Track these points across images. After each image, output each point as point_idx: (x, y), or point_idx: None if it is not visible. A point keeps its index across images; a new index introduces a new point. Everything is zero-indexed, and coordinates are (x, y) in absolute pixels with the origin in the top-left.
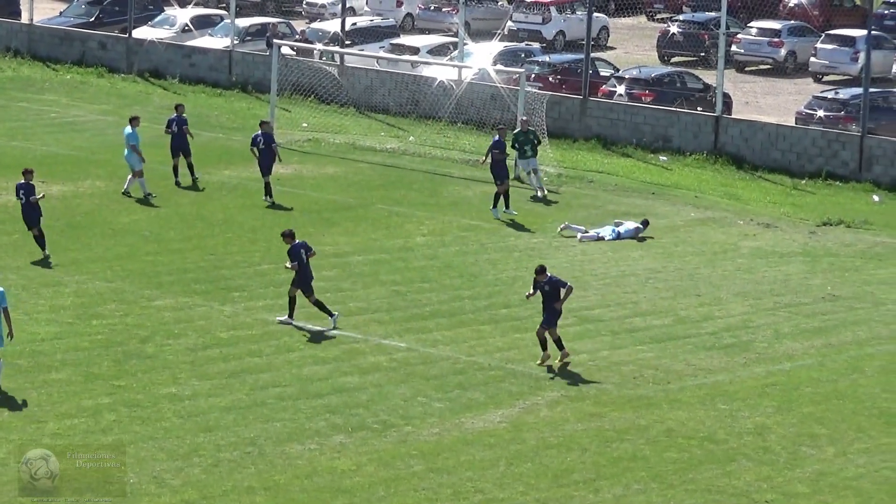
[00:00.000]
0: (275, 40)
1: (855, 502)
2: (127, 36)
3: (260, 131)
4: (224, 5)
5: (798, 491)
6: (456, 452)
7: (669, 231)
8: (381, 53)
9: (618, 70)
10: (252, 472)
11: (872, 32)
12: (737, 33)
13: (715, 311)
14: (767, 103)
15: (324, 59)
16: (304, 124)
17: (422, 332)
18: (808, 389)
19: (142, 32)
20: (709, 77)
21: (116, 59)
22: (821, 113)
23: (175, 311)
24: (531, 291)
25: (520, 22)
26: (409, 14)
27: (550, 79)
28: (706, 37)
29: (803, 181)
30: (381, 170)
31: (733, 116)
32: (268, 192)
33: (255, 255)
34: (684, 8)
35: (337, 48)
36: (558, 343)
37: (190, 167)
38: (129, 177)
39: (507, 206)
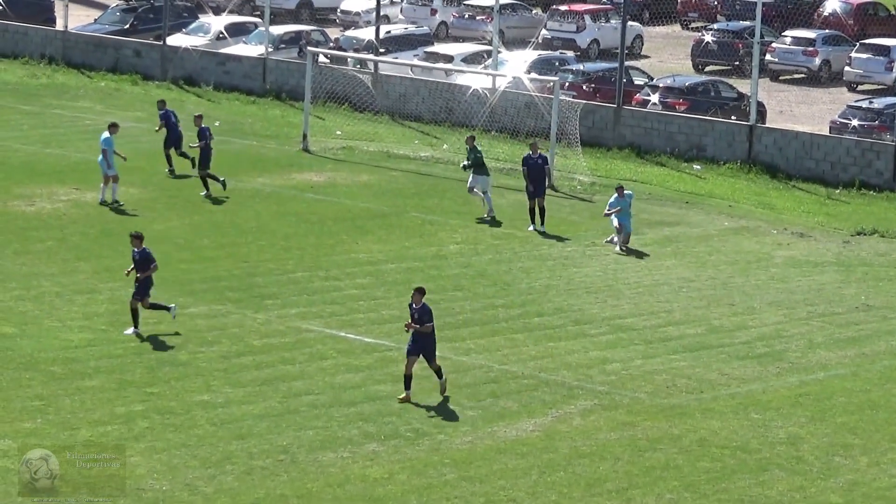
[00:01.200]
0: (308, 48)
1: None
2: (161, 43)
3: (203, 125)
4: (258, 13)
5: (831, 501)
6: (488, 461)
7: (703, 240)
8: (415, 61)
9: (652, 79)
10: (284, 480)
11: None
12: (771, 42)
13: (748, 320)
14: (802, 112)
15: (358, 67)
16: (338, 132)
17: (455, 340)
18: (842, 399)
19: (176, 40)
20: (743, 86)
21: (151, 66)
22: (855, 122)
23: (208, 318)
24: (409, 322)
25: (554, 30)
26: (443, 22)
27: (584, 87)
28: (740, 46)
29: (837, 190)
30: (414, 178)
31: (767, 125)
32: (206, 184)
33: (288, 262)
34: (718, 17)
35: (371, 56)
36: (438, 373)
37: (168, 158)
38: (102, 185)
39: (532, 222)
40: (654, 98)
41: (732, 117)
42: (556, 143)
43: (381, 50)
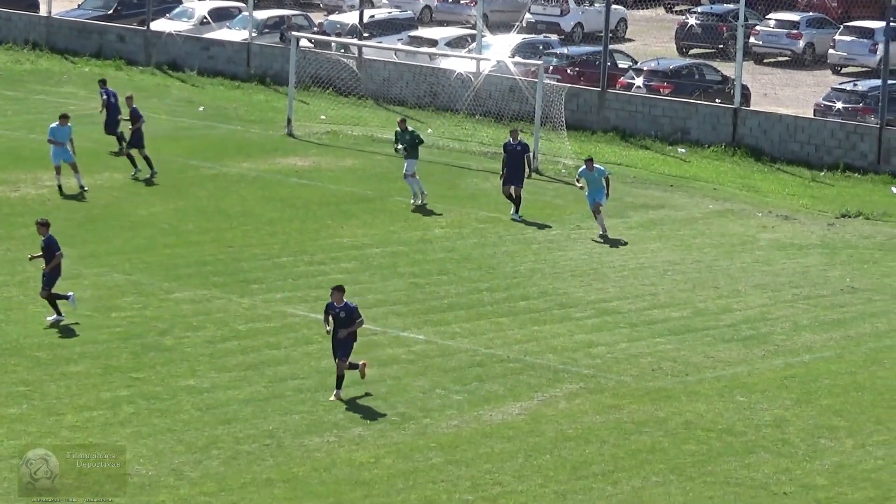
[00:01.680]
0: (292, 33)
1: (874, 494)
2: (145, 28)
3: (134, 105)
4: None
5: (817, 483)
6: (474, 445)
7: (688, 223)
8: (400, 46)
9: (636, 62)
10: (271, 465)
11: (891, 24)
12: (755, 25)
13: (733, 303)
14: (786, 95)
15: (342, 51)
16: (323, 117)
17: (440, 324)
18: (827, 381)
19: (160, 25)
20: (727, 69)
21: (135, 51)
22: (839, 105)
23: (193, 303)
24: (328, 328)
25: (538, 14)
26: (427, 6)
27: (569, 71)
28: (724, 29)
29: (822, 173)
30: (399, 162)
31: (752, 108)
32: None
33: (273, 247)
34: (702, 0)
35: (355, 40)
36: (339, 381)
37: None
38: (75, 174)
39: (517, 208)
40: (639, 81)
41: (717, 100)
42: (541, 126)
43: (365, 34)
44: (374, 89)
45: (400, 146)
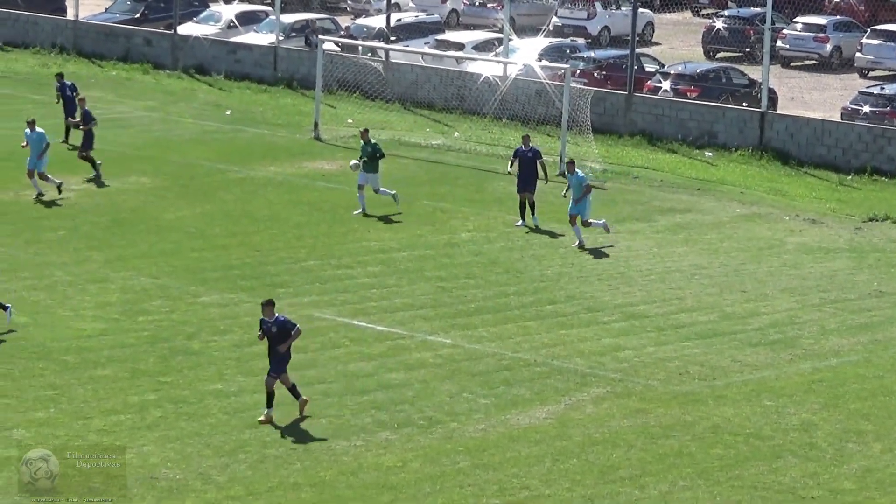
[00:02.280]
0: (319, 36)
1: None
2: (172, 32)
3: (86, 108)
4: (269, 2)
5: (844, 487)
6: (502, 449)
7: (715, 227)
8: (426, 49)
9: (663, 66)
10: (298, 469)
11: None
12: (782, 29)
13: (761, 307)
14: (813, 99)
15: (368, 55)
16: (349, 120)
17: (467, 328)
18: (855, 386)
19: (187, 29)
20: (754, 72)
21: (162, 55)
22: (867, 108)
23: (221, 307)
24: (259, 332)
25: (565, 18)
26: (453, 10)
27: (595, 74)
28: (751, 32)
29: (849, 177)
30: (426, 166)
31: (779, 112)
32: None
33: (300, 251)
34: (729, 3)
35: (382, 44)
36: (293, 391)
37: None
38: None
39: (521, 217)
40: (666, 85)
41: (744, 104)
42: (568, 130)
43: (392, 38)
44: (400, 93)
45: (355, 161)
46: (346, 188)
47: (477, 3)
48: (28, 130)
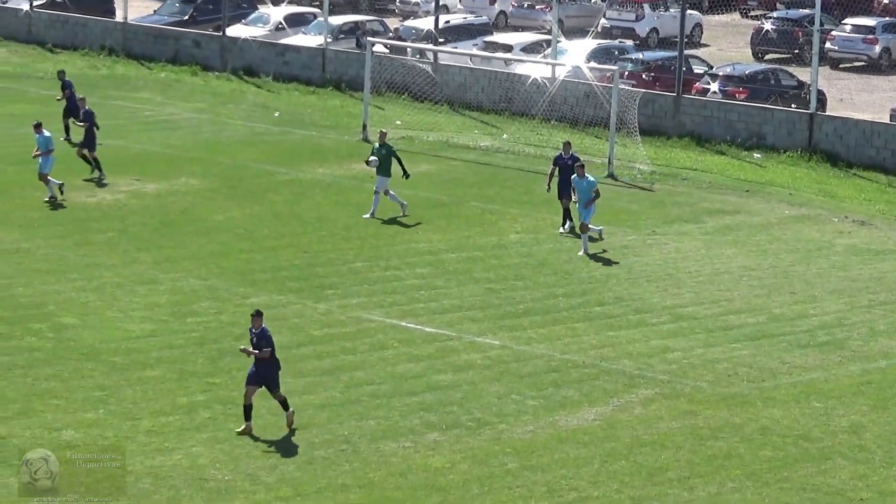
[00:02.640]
0: (368, 38)
1: None
2: (221, 34)
3: (87, 107)
4: (317, 3)
5: (894, 489)
6: (550, 450)
7: (763, 228)
8: (475, 51)
9: (711, 67)
10: (346, 470)
11: None
12: (831, 30)
13: (810, 308)
14: (862, 100)
15: (417, 56)
16: (398, 122)
17: (516, 329)
18: None
19: (235, 30)
20: (803, 74)
21: (210, 57)
22: None
23: (269, 308)
24: (250, 348)
25: (613, 19)
26: (502, 12)
27: (644, 76)
28: (800, 34)
29: None
30: (474, 167)
31: (828, 114)
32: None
33: (348, 252)
34: (778, 5)
35: (430, 46)
36: (246, 411)
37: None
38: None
39: (563, 224)
40: (714, 86)
41: (792, 105)
42: (616, 132)
43: (441, 39)
44: (449, 94)
45: (373, 158)
46: (393, 189)
47: (525, 5)
48: (37, 134)
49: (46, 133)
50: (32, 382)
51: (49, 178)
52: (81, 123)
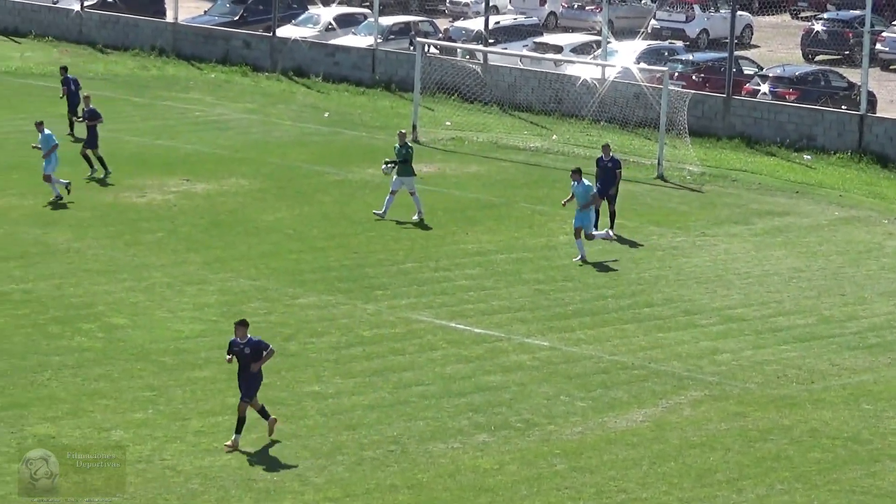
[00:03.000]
0: (418, 39)
1: None
2: (271, 34)
3: (91, 106)
4: (367, 4)
5: None
6: (599, 451)
7: (813, 230)
8: (525, 52)
9: (761, 68)
10: (395, 471)
11: None
12: (881, 31)
13: (859, 310)
14: None
15: (467, 57)
16: (448, 123)
17: (565, 330)
18: None
19: (286, 31)
20: (853, 75)
21: (260, 57)
22: None
23: (318, 309)
24: (228, 357)
25: (663, 20)
26: (552, 12)
27: (694, 77)
28: (850, 35)
29: None
30: (524, 168)
31: (878, 115)
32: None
33: (398, 253)
34: (828, 6)
35: (480, 47)
36: (262, 412)
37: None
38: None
39: (611, 224)
40: (764, 88)
41: (843, 107)
42: (665, 133)
43: (491, 40)
44: (499, 95)
45: (390, 161)
46: (443, 190)
47: (575, 6)
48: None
49: (47, 131)
50: (82, 382)
51: (53, 177)
52: (79, 119)
